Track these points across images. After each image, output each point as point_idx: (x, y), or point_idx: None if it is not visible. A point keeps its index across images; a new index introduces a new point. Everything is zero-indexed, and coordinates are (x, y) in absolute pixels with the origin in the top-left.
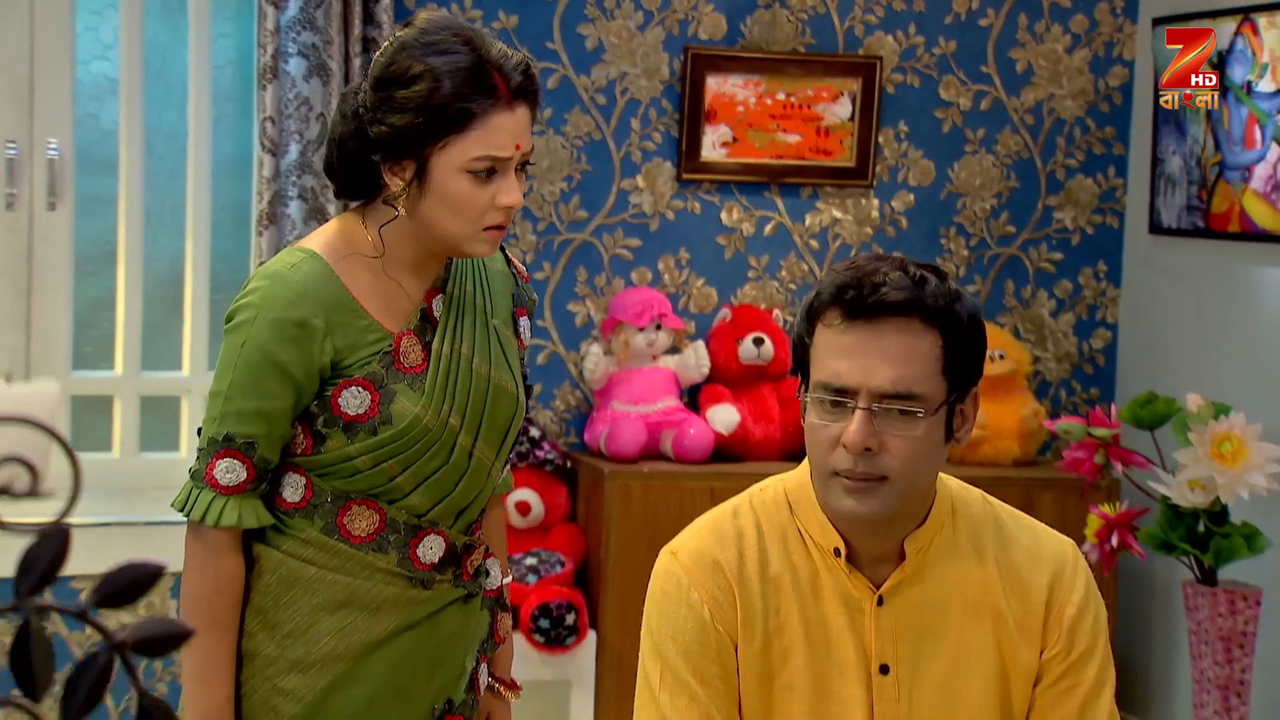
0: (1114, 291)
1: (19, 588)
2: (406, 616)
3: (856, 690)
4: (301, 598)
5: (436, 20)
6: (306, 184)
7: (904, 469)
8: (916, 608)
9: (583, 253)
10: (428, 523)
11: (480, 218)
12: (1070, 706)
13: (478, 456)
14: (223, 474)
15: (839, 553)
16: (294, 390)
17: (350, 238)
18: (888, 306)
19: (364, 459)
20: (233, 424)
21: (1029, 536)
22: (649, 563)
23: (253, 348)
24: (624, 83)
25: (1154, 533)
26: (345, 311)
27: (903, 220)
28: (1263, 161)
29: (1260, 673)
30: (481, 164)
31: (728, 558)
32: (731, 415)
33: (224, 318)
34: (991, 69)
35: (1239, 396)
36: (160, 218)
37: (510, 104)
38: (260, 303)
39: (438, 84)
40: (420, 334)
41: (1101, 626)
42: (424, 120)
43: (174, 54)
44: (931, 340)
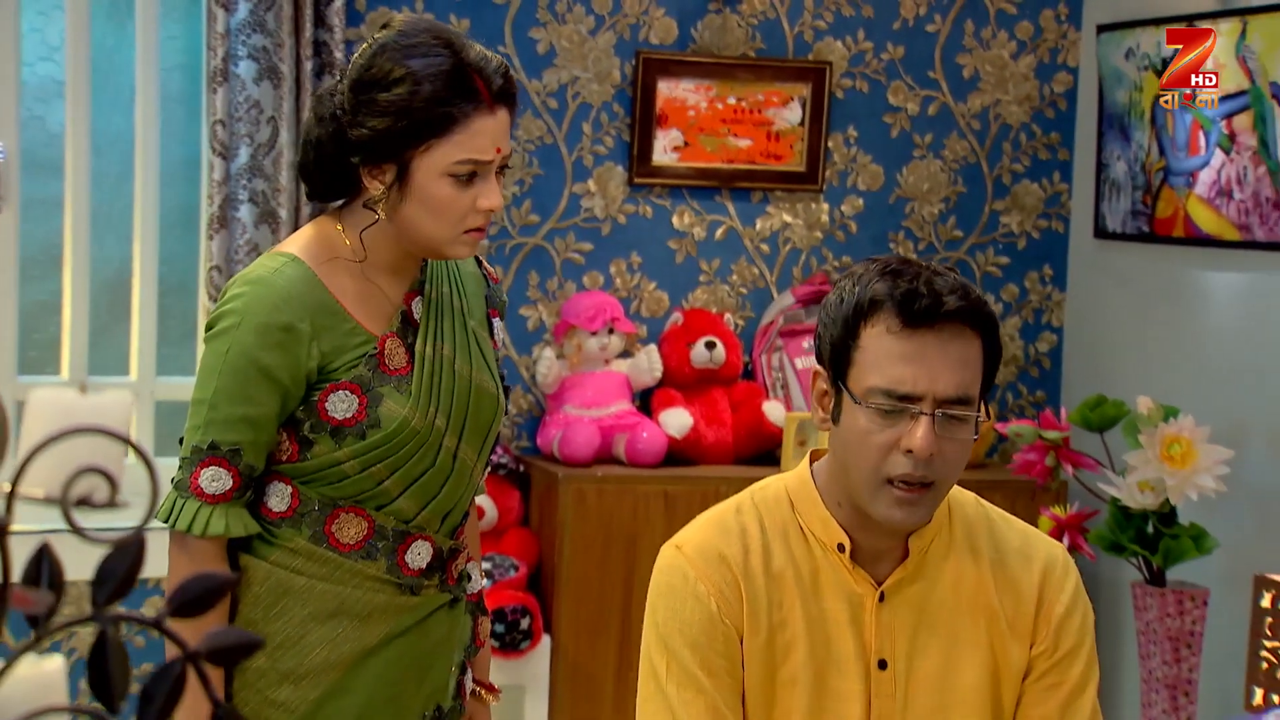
0: (1059, 295)
1: (96, 598)
2: (396, 624)
3: (855, 685)
4: (292, 608)
5: (415, 22)
6: (257, 187)
7: (950, 474)
8: (916, 604)
9: (535, 256)
10: (415, 528)
11: (461, 221)
12: (1054, 703)
13: (461, 458)
14: (208, 482)
15: (843, 548)
16: (280, 396)
17: (328, 242)
18: (945, 314)
19: (353, 463)
20: (218, 431)
21: (1020, 538)
22: (603, 566)
23: (238, 353)
24: (575, 87)
25: (1104, 534)
26: (330, 315)
27: (852, 224)
28: (1207, 167)
29: (1207, 672)
30: (463, 167)
31: (733, 552)
32: (684, 419)
33: (205, 325)
34: (939, 74)
35: (1184, 399)
36: (107, 221)
37: (491, 107)
38: (245, 308)
39: (418, 87)
40: (402, 336)
41: (1088, 628)
42: (406, 123)
43: (121, 56)
44: (979, 346)
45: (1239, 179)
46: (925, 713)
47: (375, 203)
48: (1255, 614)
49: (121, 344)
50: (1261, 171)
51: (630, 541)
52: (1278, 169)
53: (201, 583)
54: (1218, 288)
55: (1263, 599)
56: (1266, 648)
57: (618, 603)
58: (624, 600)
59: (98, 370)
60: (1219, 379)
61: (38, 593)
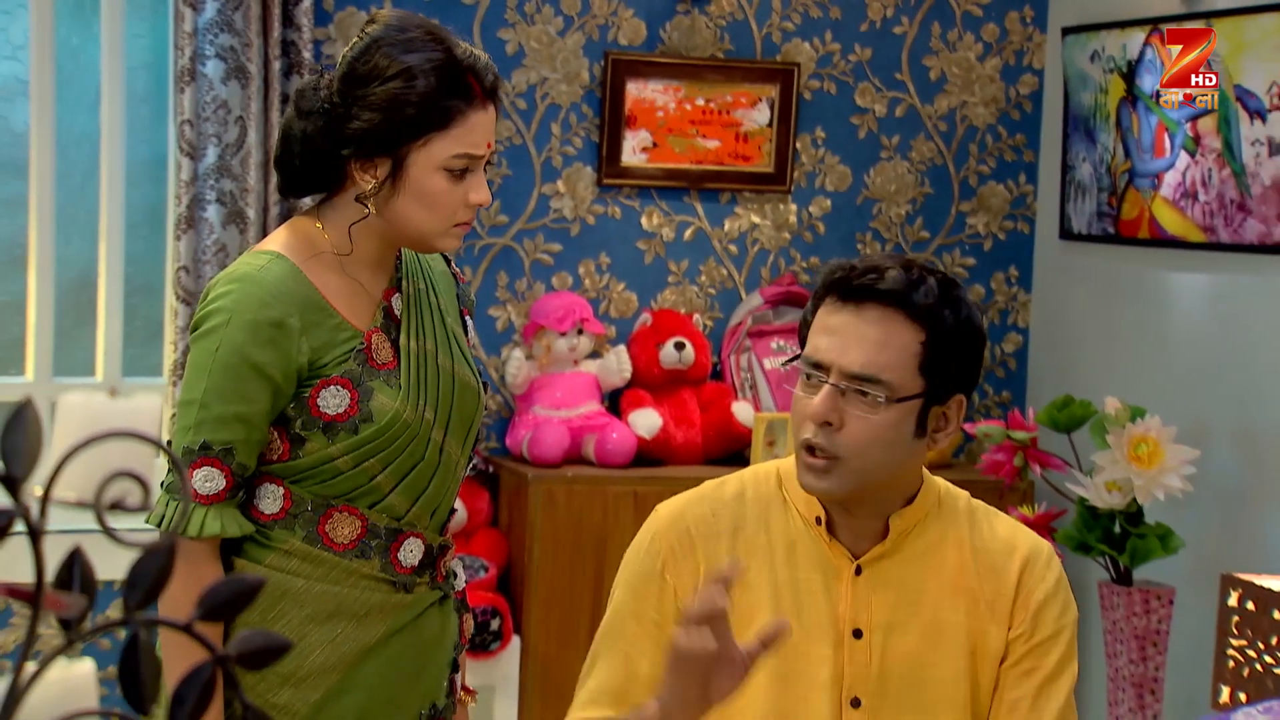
0: (1025, 296)
1: (127, 602)
2: (393, 622)
3: (826, 650)
4: (290, 610)
5: (405, 18)
6: (225, 187)
7: (858, 450)
8: (895, 582)
9: (503, 257)
10: (407, 525)
11: (452, 215)
12: (1028, 688)
13: (447, 452)
14: (201, 483)
15: (820, 521)
16: (272, 393)
17: (309, 238)
18: (874, 293)
19: (346, 459)
20: (209, 431)
21: (1007, 530)
22: (573, 567)
23: (228, 351)
24: (544, 88)
25: (1071, 534)
26: (317, 311)
27: (820, 225)
28: (1172, 169)
29: (1173, 671)
30: (459, 162)
31: (699, 513)
32: (653, 419)
33: (190, 326)
34: (906, 76)
35: (1150, 400)
36: (73, 221)
37: (484, 102)
38: (233, 306)
39: (414, 81)
40: (386, 331)
41: (1068, 623)
42: (402, 117)
43: (86, 55)
44: (912, 335)
45: (1204, 181)
46: (900, 688)
47: (365, 197)
48: (1222, 613)
49: (87, 345)
50: (1226, 174)
51: (600, 542)
52: (1242, 171)
53: (231, 586)
54: (1183, 289)
55: (1230, 598)
56: (1233, 646)
57: (587, 603)
58: (594, 601)
59: (63, 371)
60: (1185, 379)
61: (70, 596)
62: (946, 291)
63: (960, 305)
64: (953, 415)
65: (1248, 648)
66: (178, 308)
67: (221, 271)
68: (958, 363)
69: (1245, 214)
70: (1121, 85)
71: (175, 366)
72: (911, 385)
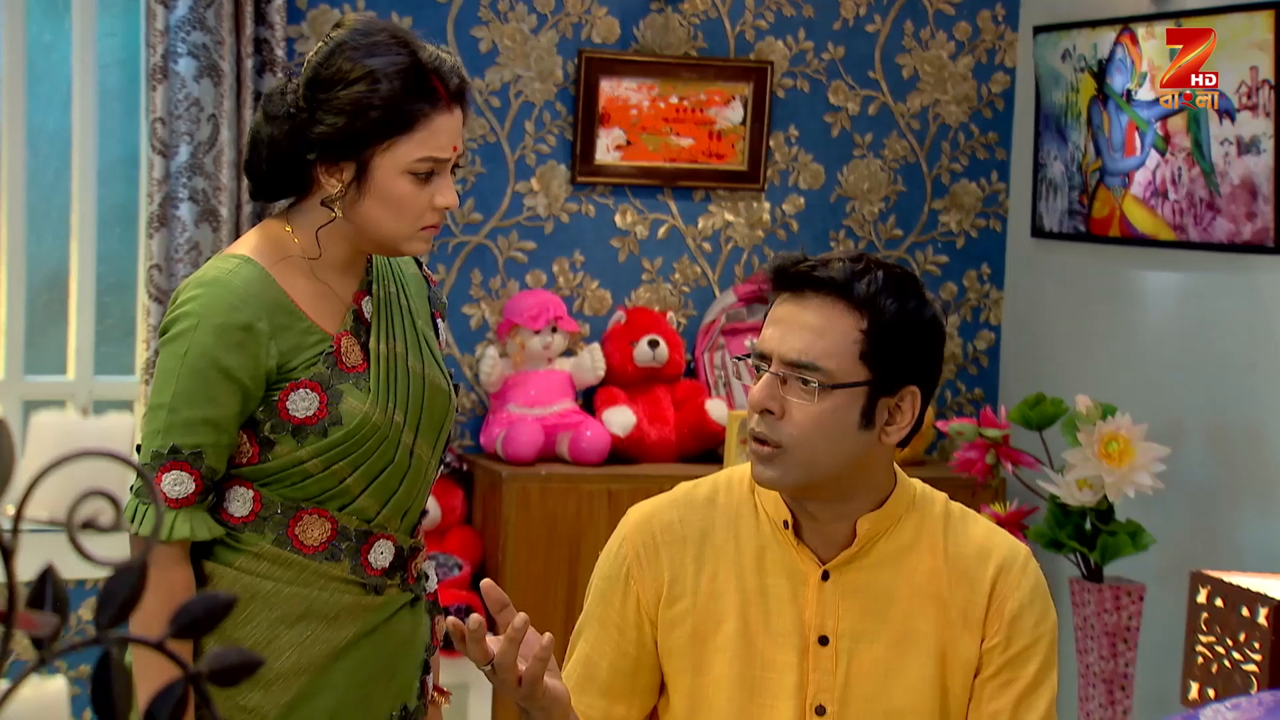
0: (997, 294)
1: (99, 620)
2: (363, 624)
3: (790, 657)
4: (260, 613)
5: (371, 22)
6: (198, 185)
7: (799, 439)
8: (863, 588)
9: (477, 255)
10: (377, 527)
11: (419, 218)
12: (1006, 700)
13: (417, 454)
14: (170, 486)
15: (788, 525)
16: (241, 396)
17: (278, 242)
18: (812, 281)
19: (315, 462)
20: (179, 435)
21: (983, 535)
22: (547, 565)
23: (197, 355)
24: (518, 85)
25: (1042, 531)
26: (286, 314)
27: (793, 223)
28: (1142, 168)
29: (1143, 667)
30: (423, 165)
31: (666, 519)
32: (627, 417)
33: (159, 330)
34: (879, 74)
35: (1121, 398)
36: (45, 219)
37: (449, 106)
38: (201, 310)
39: (378, 85)
40: (355, 334)
41: (1046, 630)
42: (365, 121)
43: (58, 52)
44: (852, 324)
45: (1174, 180)
46: (867, 695)
47: (332, 201)
48: (1192, 610)
49: (59, 343)
50: (1195, 173)
51: (574, 540)
52: (1211, 171)
53: (203, 603)
54: (1153, 287)
55: (1199, 595)
56: (1203, 643)
57: (562, 601)
58: (568, 598)
59: (34, 369)
60: (1155, 377)
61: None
62: (896, 283)
63: (907, 296)
64: (906, 408)
65: (1216, 644)
66: (150, 306)
67: (191, 275)
68: (904, 353)
69: (1215, 213)
70: (1092, 84)
71: (147, 365)
72: (852, 373)
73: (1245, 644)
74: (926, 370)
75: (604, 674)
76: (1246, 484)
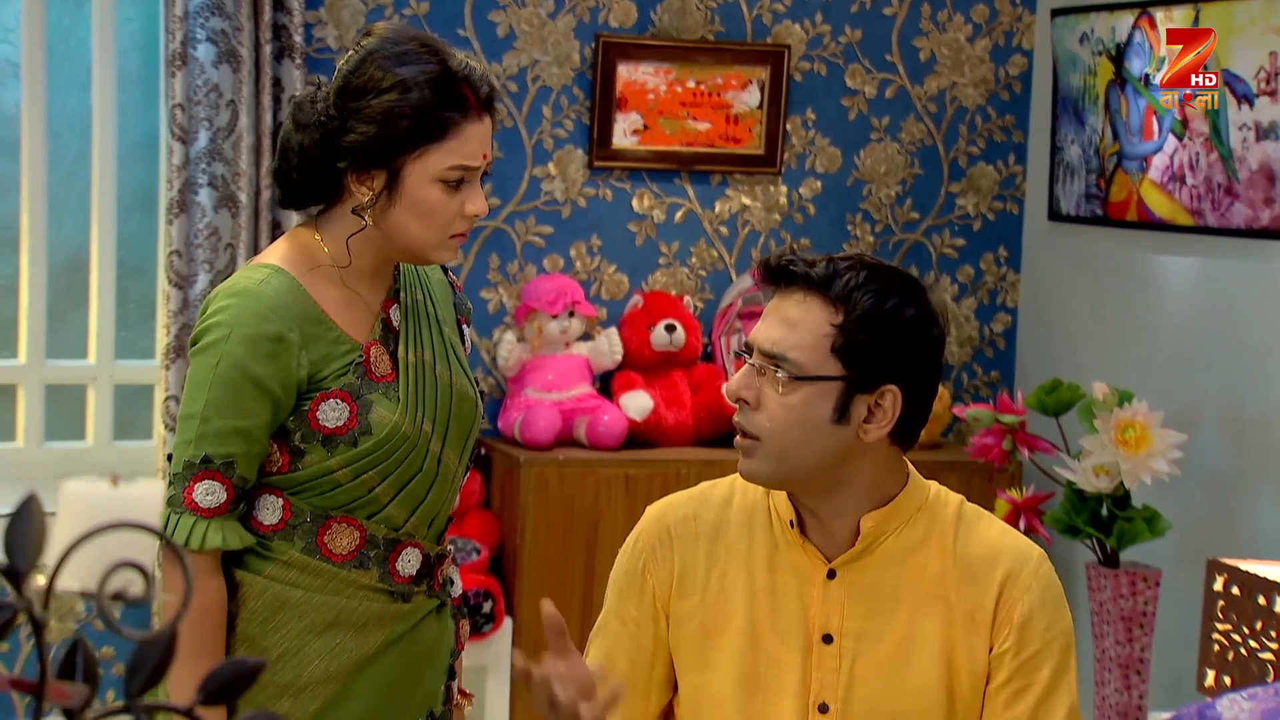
0: (1014, 276)
1: (129, 688)
2: (391, 631)
3: (795, 656)
4: (289, 621)
5: (400, 30)
6: (217, 171)
7: (774, 431)
8: (869, 588)
9: (495, 240)
10: (405, 535)
11: (448, 226)
12: (1022, 707)
13: (445, 462)
14: (202, 496)
15: (793, 524)
16: (272, 406)
17: (308, 251)
18: (789, 276)
19: (345, 471)
20: (210, 445)
21: (994, 538)
22: (565, 549)
23: (228, 365)
24: (535, 70)
25: (1059, 516)
26: (316, 324)
27: (810, 207)
28: (1160, 152)
29: (1159, 651)
30: (454, 173)
31: (680, 515)
32: (644, 402)
33: (190, 340)
34: (896, 58)
35: (1137, 382)
36: (65, 202)
37: (480, 114)
38: (233, 320)
39: (408, 94)
40: (385, 343)
41: (1059, 634)
42: (399, 130)
43: (77, 37)
44: (825, 317)
45: (1191, 165)
46: (872, 694)
47: (362, 209)
48: (1208, 598)
49: (80, 326)
50: (1214, 158)
51: (591, 524)
52: (1229, 156)
53: (233, 668)
54: (1171, 272)
55: (1215, 583)
56: (1219, 630)
57: (579, 585)
58: (585, 582)
59: (56, 353)
60: (1172, 362)
61: (73, 686)
62: (879, 281)
63: (886, 294)
64: (887, 406)
65: (1233, 632)
66: (170, 291)
67: (221, 284)
68: (880, 351)
69: (1233, 198)
70: (1110, 68)
71: (167, 350)
72: (822, 367)
73: (1262, 632)
74: (908, 370)
75: (623, 669)
76: (1263, 469)
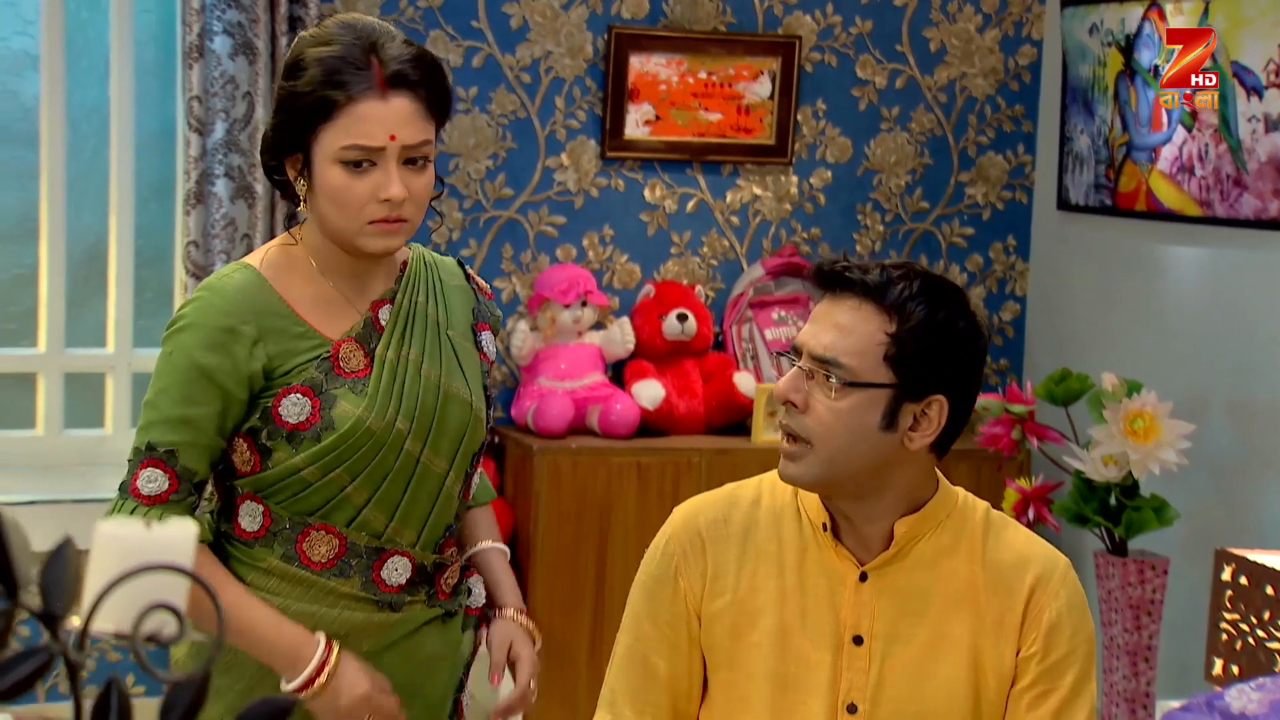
0: (1023, 265)
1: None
2: (378, 640)
3: (825, 656)
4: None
5: (343, 18)
6: (233, 162)
7: (824, 436)
8: (900, 591)
9: (508, 230)
10: (389, 543)
11: (360, 211)
12: (1044, 711)
13: (425, 464)
14: (144, 484)
15: (826, 527)
16: (221, 397)
17: (286, 249)
18: (847, 282)
19: (312, 470)
20: (157, 433)
21: (1022, 545)
22: (578, 537)
23: (180, 355)
24: (548, 61)
25: (1067, 505)
26: (279, 319)
27: (821, 197)
28: (1169, 143)
29: (1166, 639)
30: (350, 153)
31: (711, 518)
32: (656, 390)
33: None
34: (906, 48)
35: (1146, 372)
36: (84, 193)
37: (383, 91)
38: (192, 313)
39: (302, 73)
40: (364, 341)
41: (1083, 641)
42: (294, 109)
43: (95, 29)
44: (879, 326)
45: (1200, 156)
46: (899, 695)
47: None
48: (1216, 587)
49: (98, 315)
50: (1223, 149)
51: (604, 512)
52: (1238, 147)
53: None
54: (1179, 262)
55: (1223, 572)
56: (1227, 620)
57: (592, 572)
58: (598, 570)
59: (75, 342)
60: (1180, 352)
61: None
62: (931, 292)
63: (938, 306)
64: (933, 416)
65: (1240, 621)
66: (187, 282)
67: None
68: (931, 361)
69: (1241, 189)
70: (1120, 59)
71: None
72: (874, 374)
73: (1270, 622)
74: (955, 381)
75: (664, 673)
76: (1271, 459)
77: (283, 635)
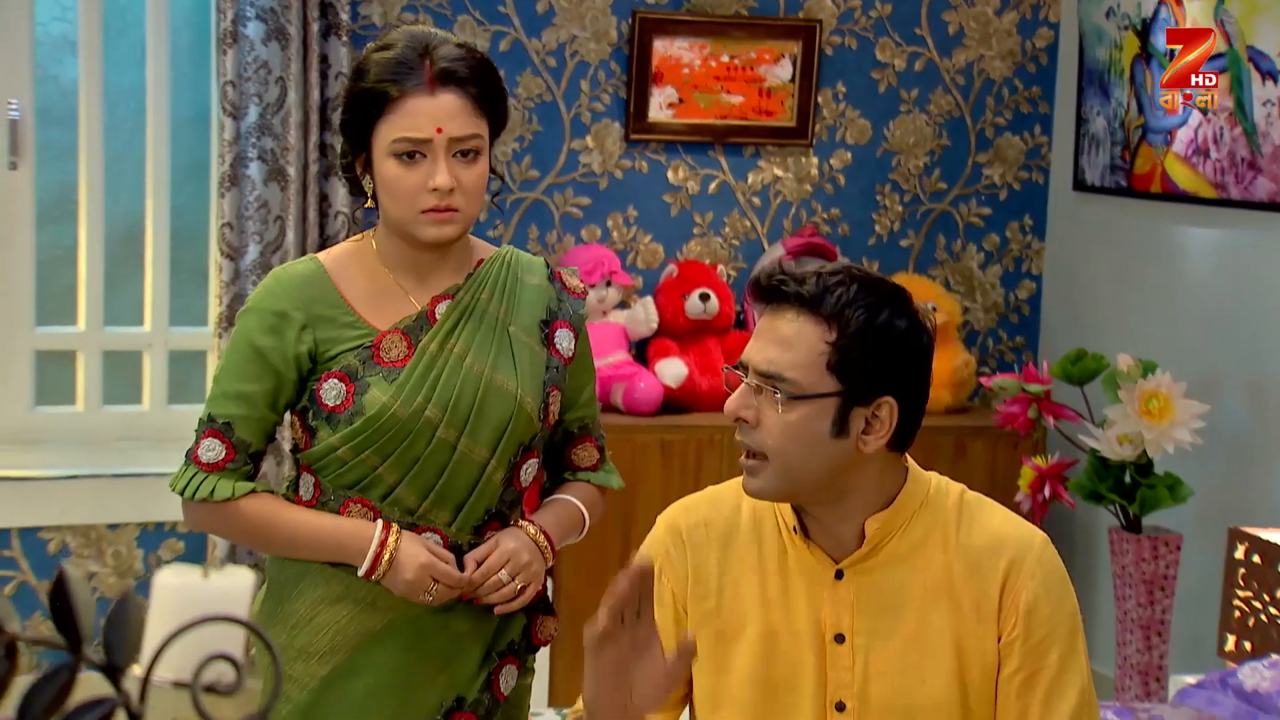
0: (1039, 244)
1: None
2: (405, 612)
3: (808, 656)
4: (308, 590)
5: (407, 29)
6: (266, 145)
7: (778, 449)
8: (877, 586)
9: (534, 211)
10: (421, 520)
11: (413, 201)
12: (1035, 694)
13: (464, 451)
14: (205, 452)
15: (797, 530)
16: (273, 376)
17: (357, 245)
18: (783, 295)
19: (346, 449)
20: (217, 406)
21: (996, 526)
22: (605, 517)
23: (240, 336)
24: (574, 45)
25: (1083, 483)
26: (330, 308)
27: (841, 178)
28: (1184, 126)
29: (1179, 614)
30: (402, 145)
31: (693, 521)
32: (679, 368)
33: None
34: (925, 31)
35: (1160, 351)
36: (120, 174)
37: (431, 88)
38: (255, 299)
39: (364, 73)
40: (411, 333)
41: (1065, 617)
42: (355, 108)
43: (131, 14)
44: (819, 335)
45: (1215, 139)
46: (887, 691)
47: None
48: (1229, 565)
49: (135, 294)
50: (1237, 132)
51: (628, 488)
52: (1253, 131)
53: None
54: (1194, 244)
55: (1236, 550)
56: (1239, 597)
57: (616, 549)
58: (623, 547)
59: (113, 320)
60: (1194, 332)
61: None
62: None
63: (877, 308)
64: (884, 417)
65: (1253, 599)
66: (221, 263)
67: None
68: (875, 365)
69: (1256, 172)
70: (1136, 42)
71: (220, 319)
72: (819, 384)
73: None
74: (902, 381)
75: None
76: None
77: (343, 530)
